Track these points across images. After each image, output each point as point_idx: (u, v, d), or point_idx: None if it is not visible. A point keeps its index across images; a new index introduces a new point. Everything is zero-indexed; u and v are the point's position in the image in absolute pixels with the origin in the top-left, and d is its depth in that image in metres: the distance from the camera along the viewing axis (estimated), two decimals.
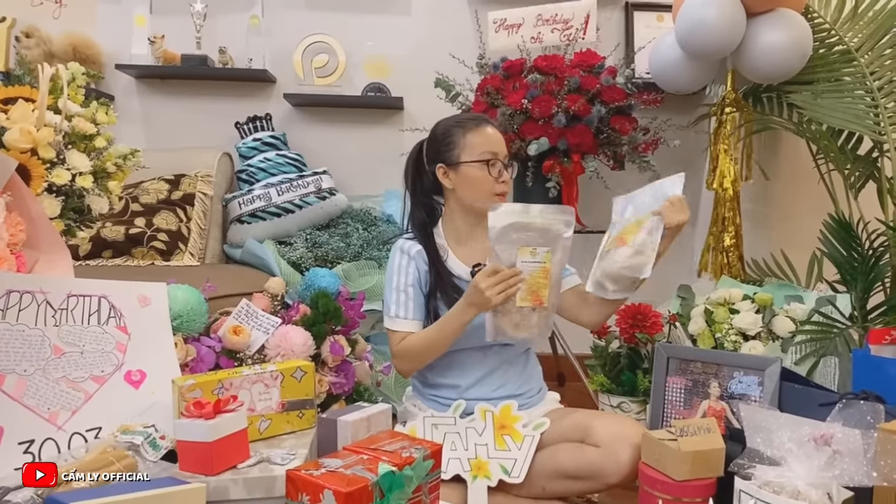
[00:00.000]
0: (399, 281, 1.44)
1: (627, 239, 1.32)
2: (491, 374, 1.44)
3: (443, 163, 1.46)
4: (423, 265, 1.45)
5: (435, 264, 1.45)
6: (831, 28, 2.12)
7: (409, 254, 1.46)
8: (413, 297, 1.43)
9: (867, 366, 1.33)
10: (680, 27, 2.08)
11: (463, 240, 1.50)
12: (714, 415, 1.44)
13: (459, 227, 1.50)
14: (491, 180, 1.42)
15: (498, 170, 1.43)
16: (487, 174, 1.42)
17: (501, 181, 1.43)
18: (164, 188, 2.26)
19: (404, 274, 1.44)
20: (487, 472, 1.32)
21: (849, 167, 2.10)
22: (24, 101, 1.27)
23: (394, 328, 1.43)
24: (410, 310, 1.42)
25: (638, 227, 1.33)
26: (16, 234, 1.14)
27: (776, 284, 2.04)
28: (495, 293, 1.25)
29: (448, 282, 1.43)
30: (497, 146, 1.44)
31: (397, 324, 1.42)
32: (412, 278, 1.44)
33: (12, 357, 1.04)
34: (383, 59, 2.56)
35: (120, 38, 2.44)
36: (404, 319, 1.42)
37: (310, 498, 0.86)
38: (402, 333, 1.41)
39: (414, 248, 1.47)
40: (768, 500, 0.97)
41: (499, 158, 1.43)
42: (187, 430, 1.00)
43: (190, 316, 1.35)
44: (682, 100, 2.51)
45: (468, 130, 1.44)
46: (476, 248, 1.49)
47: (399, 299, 1.43)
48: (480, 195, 1.43)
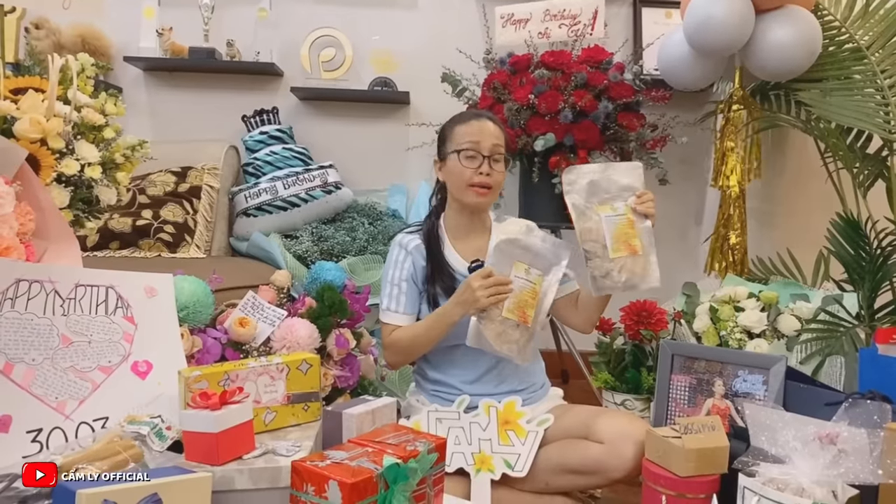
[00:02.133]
0: (394, 275, 1.47)
1: (636, 245, 1.33)
2: (493, 369, 1.44)
3: (437, 156, 1.50)
4: (421, 259, 1.47)
5: (434, 253, 1.46)
6: (841, 25, 2.11)
7: (406, 248, 1.48)
8: (406, 291, 1.45)
9: (874, 365, 1.32)
10: (688, 24, 2.07)
11: (459, 235, 1.51)
12: (718, 413, 1.44)
13: (456, 223, 1.51)
14: (469, 171, 1.41)
15: (478, 162, 1.41)
16: (466, 165, 1.41)
17: (480, 173, 1.41)
18: (171, 181, 2.27)
19: (399, 268, 1.47)
20: (491, 465, 1.32)
21: (857, 166, 2.09)
22: (35, 91, 1.27)
23: (385, 320, 1.46)
24: (402, 304, 1.45)
25: (632, 227, 1.34)
26: (25, 223, 1.14)
27: (782, 283, 2.03)
28: (485, 294, 1.28)
29: (445, 272, 1.45)
30: (481, 137, 1.42)
31: (388, 316, 1.46)
32: (407, 273, 1.46)
33: (21, 346, 1.05)
34: (390, 54, 2.57)
35: (128, 30, 2.45)
36: (395, 313, 1.45)
37: (315, 489, 0.87)
38: (392, 326, 1.44)
39: (412, 242, 1.48)
40: (772, 496, 0.97)
41: (479, 150, 1.41)
42: (193, 421, 1.00)
43: (196, 307, 1.36)
44: (690, 97, 2.50)
45: (458, 123, 1.46)
46: (471, 245, 1.50)
47: (392, 293, 1.46)
48: (458, 187, 1.44)
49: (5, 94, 1.27)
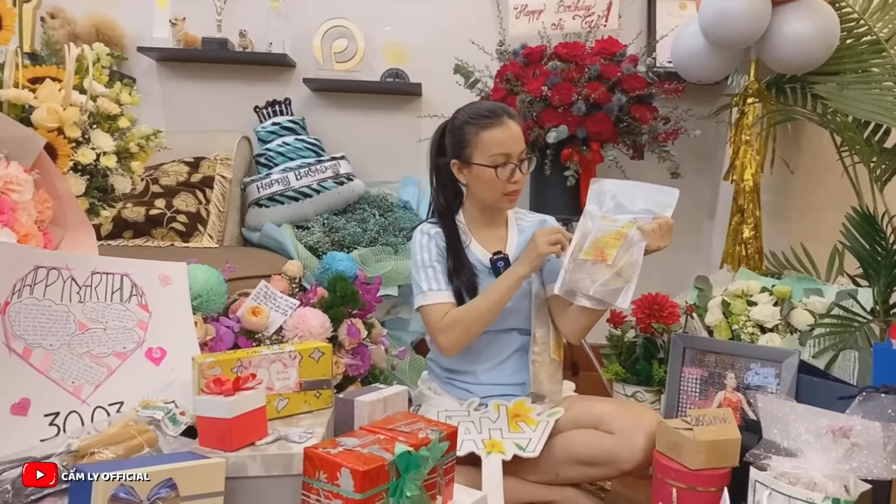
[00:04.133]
0: (424, 258, 1.45)
1: (608, 254, 1.26)
2: (507, 360, 1.44)
3: (457, 159, 1.45)
4: (443, 244, 1.46)
5: (454, 249, 1.45)
6: (860, 18, 2.08)
7: (428, 234, 1.47)
8: (441, 271, 1.43)
9: (888, 360, 1.31)
10: (703, 15, 2.04)
11: (481, 226, 1.51)
12: (730, 405, 1.43)
13: (478, 216, 1.51)
14: (501, 183, 1.40)
15: (510, 171, 1.39)
16: (501, 177, 1.39)
17: (513, 181, 1.40)
18: (184, 170, 2.28)
19: (427, 251, 1.45)
20: (502, 448, 1.31)
21: (875, 160, 2.06)
22: (51, 80, 1.29)
23: (429, 302, 1.41)
24: (442, 282, 1.42)
25: (619, 239, 1.27)
26: (43, 210, 1.16)
27: (795, 277, 2.02)
28: (546, 242, 1.30)
29: (466, 265, 1.44)
30: (510, 146, 1.39)
31: (432, 297, 1.41)
32: (435, 254, 1.45)
33: (39, 332, 1.06)
34: (402, 45, 2.56)
35: (142, 20, 2.46)
36: (438, 291, 1.41)
37: (327, 476, 0.87)
38: (443, 307, 1.40)
39: (433, 229, 1.48)
40: (784, 490, 0.96)
41: (511, 160, 1.39)
42: (207, 407, 1.01)
43: (209, 296, 1.37)
44: (704, 90, 2.47)
45: (482, 129, 1.40)
46: (492, 235, 1.50)
47: (428, 274, 1.43)
48: (491, 196, 1.43)
49: (24, 83, 1.28)
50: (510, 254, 1.47)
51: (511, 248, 1.49)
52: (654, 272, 2.67)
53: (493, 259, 1.43)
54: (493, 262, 1.42)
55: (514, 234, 1.52)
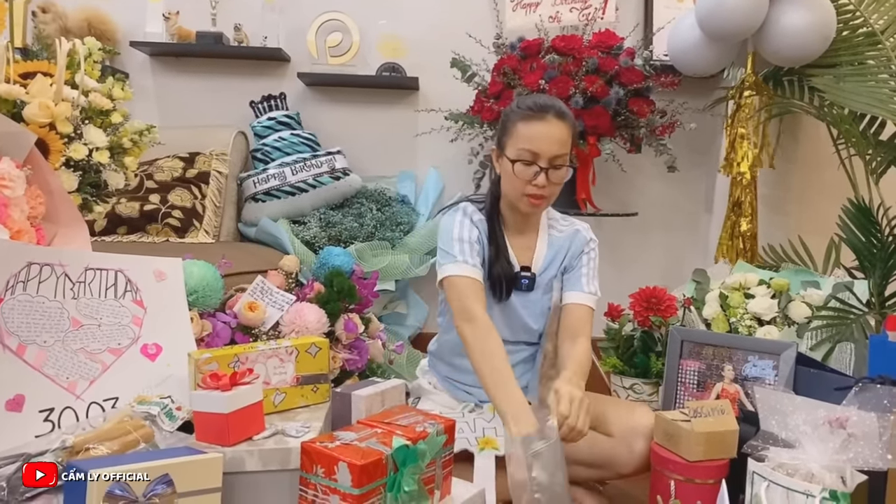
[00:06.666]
0: (462, 234, 1.33)
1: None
2: (513, 368, 1.43)
3: (497, 146, 1.37)
4: (483, 236, 1.37)
5: (496, 239, 1.37)
6: (856, 10, 2.07)
7: (471, 218, 1.37)
8: (477, 252, 1.33)
9: (884, 351, 1.31)
10: (700, 8, 2.04)
11: (511, 229, 1.42)
12: (728, 397, 1.44)
13: (508, 216, 1.42)
14: (521, 182, 1.30)
15: (533, 172, 1.28)
16: (521, 174, 1.30)
17: (535, 184, 1.29)
18: (179, 166, 2.27)
19: (466, 229, 1.34)
20: (495, 444, 1.31)
21: (870, 152, 2.06)
22: (43, 75, 1.27)
23: (458, 272, 1.29)
24: (477, 261, 1.32)
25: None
26: (36, 206, 1.15)
27: (793, 270, 2.02)
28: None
29: (504, 258, 1.37)
30: (542, 146, 1.27)
31: (462, 267, 1.29)
32: (476, 236, 1.34)
33: (33, 328, 1.05)
34: (398, 39, 2.54)
35: (134, 14, 2.43)
36: (465, 264, 1.30)
37: (324, 470, 0.87)
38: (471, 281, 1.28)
39: (476, 214, 1.39)
40: (781, 482, 0.97)
41: (539, 161, 1.28)
42: (204, 402, 1.01)
43: (206, 291, 1.36)
44: (699, 83, 2.47)
45: (520, 119, 1.30)
46: (522, 243, 1.42)
47: (464, 248, 1.32)
48: (511, 193, 1.35)
49: (15, 78, 1.27)
50: (536, 268, 1.40)
51: (537, 262, 1.41)
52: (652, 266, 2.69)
53: (517, 274, 1.37)
54: (517, 277, 1.37)
55: (542, 246, 1.42)
